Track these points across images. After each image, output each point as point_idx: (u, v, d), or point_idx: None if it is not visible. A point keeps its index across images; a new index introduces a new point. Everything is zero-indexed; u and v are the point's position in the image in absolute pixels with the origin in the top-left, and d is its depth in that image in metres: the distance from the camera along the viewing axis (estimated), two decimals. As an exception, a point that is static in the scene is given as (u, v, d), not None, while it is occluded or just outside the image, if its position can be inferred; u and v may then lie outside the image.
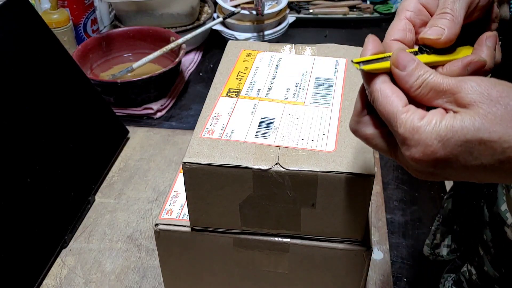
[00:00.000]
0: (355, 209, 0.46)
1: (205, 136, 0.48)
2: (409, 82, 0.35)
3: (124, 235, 0.74)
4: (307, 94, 0.54)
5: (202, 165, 0.45)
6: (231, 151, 0.46)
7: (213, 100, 0.53)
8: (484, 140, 0.32)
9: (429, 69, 0.35)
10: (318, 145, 0.47)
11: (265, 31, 1.15)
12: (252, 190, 0.46)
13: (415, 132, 0.33)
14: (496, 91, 0.32)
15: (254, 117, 0.50)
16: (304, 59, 0.60)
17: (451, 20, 0.37)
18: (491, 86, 0.33)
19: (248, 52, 0.61)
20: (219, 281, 0.54)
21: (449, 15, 0.37)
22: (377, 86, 0.35)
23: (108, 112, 0.90)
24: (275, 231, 0.49)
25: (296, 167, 0.44)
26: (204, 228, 0.50)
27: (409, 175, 0.85)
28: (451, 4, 0.38)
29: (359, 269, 0.49)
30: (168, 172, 0.85)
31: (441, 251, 0.64)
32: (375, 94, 0.35)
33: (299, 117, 0.50)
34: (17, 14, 0.76)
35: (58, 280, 0.68)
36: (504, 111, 0.32)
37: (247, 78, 0.56)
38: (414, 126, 0.33)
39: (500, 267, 0.52)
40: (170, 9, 1.13)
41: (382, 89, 0.35)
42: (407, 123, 0.33)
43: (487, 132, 0.31)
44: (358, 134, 0.38)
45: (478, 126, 0.32)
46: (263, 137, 0.48)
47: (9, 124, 0.69)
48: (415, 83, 0.35)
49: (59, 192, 0.74)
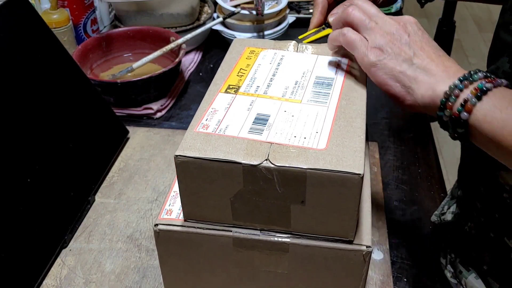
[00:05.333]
0: (344, 208, 0.46)
1: (199, 131, 0.48)
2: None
3: (124, 235, 0.74)
4: (306, 92, 0.54)
5: (193, 158, 0.45)
6: (223, 145, 0.46)
7: (211, 95, 0.53)
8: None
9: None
10: (309, 142, 0.47)
11: (265, 31, 1.15)
12: (242, 185, 0.46)
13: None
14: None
15: (250, 113, 0.50)
16: (306, 57, 0.60)
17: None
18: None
19: (251, 50, 0.61)
20: (219, 281, 0.54)
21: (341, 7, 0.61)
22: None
23: (108, 112, 0.90)
24: (266, 227, 0.49)
25: (285, 163, 0.44)
26: (196, 222, 0.50)
27: (409, 175, 0.85)
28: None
29: (359, 269, 0.49)
30: (168, 172, 0.85)
31: (446, 216, 0.69)
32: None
33: (294, 115, 0.50)
34: (17, 14, 0.76)
35: (58, 280, 0.68)
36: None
37: (248, 75, 0.56)
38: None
39: (494, 213, 0.57)
40: (170, 9, 1.13)
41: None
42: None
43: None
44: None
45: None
46: (256, 133, 0.48)
47: (9, 124, 0.69)
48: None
49: (59, 192, 0.74)
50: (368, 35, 0.53)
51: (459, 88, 0.47)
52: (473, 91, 0.46)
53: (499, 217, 0.57)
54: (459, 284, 0.66)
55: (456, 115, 0.47)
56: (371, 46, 0.53)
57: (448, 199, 0.71)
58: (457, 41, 2.80)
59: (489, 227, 0.59)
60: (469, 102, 0.46)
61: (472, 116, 0.46)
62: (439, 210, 0.71)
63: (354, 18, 0.54)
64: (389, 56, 0.52)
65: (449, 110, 0.48)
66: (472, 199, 0.62)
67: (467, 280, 0.64)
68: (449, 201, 0.70)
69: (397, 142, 0.93)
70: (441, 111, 0.48)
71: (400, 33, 0.52)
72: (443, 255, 0.69)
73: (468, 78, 0.47)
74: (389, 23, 0.53)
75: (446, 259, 0.68)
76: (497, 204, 0.57)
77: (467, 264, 0.64)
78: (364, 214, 0.51)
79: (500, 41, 0.55)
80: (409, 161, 0.89)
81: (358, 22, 0.54)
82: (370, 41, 0.53)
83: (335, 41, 0.56)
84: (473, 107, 0.46)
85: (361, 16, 0.54)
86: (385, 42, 0.52)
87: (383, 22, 0.53)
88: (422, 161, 0.89)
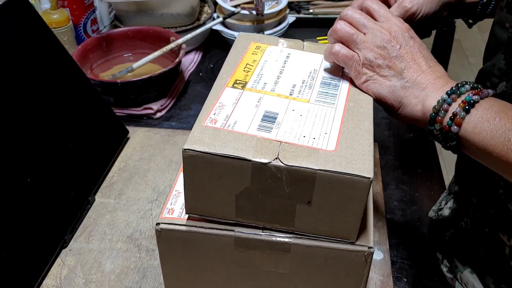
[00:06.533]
0: (350, 211, 0.46)
1: (207, 125, 0.48)
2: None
3: (124, 235, 0.74)
4: (313, 92, 0.54)
5: (202, 153, 0.45)
6: (232, 142, 0.46)
7: (218, 89, 0.53)
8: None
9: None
10: (319, 143, 0.47)
11: (265, 31, 1.15)
12: (249, 183, 0.46)
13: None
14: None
15: (258, 110, 0.50)
16: (313, 56, 0.59)
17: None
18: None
19: (257, 45, 0.61)
20: (220, 281, 0.54)
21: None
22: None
23: (108, 112, 0.89)
24: (269, 225, 0.49)
25: (296, 163, 0.44)
26: (199, 218, 0.50)
27: (409, 175, 0.85)
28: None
29: (360, 269, 0.49)
30: (168, 172, 0.85)
31: (444, 212, 0.70)
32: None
33: (302, 114, 0.50)
34: (17, 14, 0.76)
35: (58, 280, 0.68)
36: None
37: (255, 71, 0.56)
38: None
39: (489, 209, 0.58)
40: (170, 9, 1.13)
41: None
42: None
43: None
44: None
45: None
46: (265, 130, 0.48)
47: (9, 124, 0.69)
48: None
49: (59, 192, 0.74)
50: (358, 50, 0.54)
51: (448, 103, 0.48)
52: (461, 104, 0.48)
53: (494, 213, 0.58)
54: (454, 278, 0.66)
55: (446, 129, 0.48)
56: (362, 63, 0.53)
57: (446, 194, 0.71)
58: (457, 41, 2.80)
59: (484, 222, 0.60)
60: (458, 115, 0.47)
61: (462, 129, 0.48)
62: (436, 206, 0.72)
63: (342, 34, 0.55)
64: (380, 71, 0.53)
65: (439, 124, 0.49)
66: (468, 195, 0.63)
67: (462, 274, 0.64)
68: (447, 197, 0.70)
69: (397, 142, 0.93)
70: (431, 125, 0.50)
71: (391, 45, 0.53)
72: (439, 250, 0.70)
73: (456, 92, 0.49)
74: (379, 35, 0.53)
75: (442, 253, 0.69)
76: (492, 200, 0.58)
77: (463, 259, 0.65)
78: (366, 215, 0.51)
79: (496, 38, 0.56)
80: (409, 161, 0.89)
81: (347, 38, 0.55)
82: (361, 56, 0.53)
83: (327, 58, 0.57)
84: (462, 121, 0.47)
85: (348, 32, 0.54)
86: (374, 57, 0.53)
87: (373, 34, 0.53)
88: (422, 161, 0.89)
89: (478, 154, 0.48)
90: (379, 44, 0.53)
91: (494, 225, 0.58)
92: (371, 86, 0.53)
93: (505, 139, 0.45)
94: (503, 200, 0.56)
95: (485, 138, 0.46)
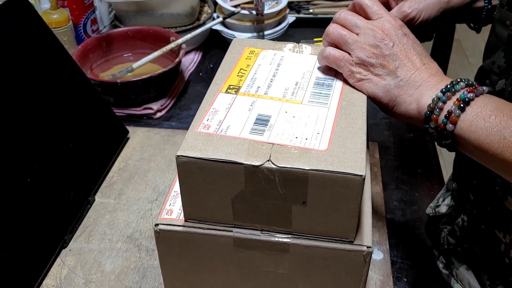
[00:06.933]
0: (346, 209, 0.46)
1: (200, 131, 0.48)
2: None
3: (124, 235, 0.74)
4: (306, 93, 0.54)
5: (195, 159, 0.46)
6: (225, 146, 0.46)
7: (212, 95, 0.53)
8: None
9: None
10: (311, 143, 0.47)
11: (265, 31, 1.15)
12: (244, 186, 0.46)
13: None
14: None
15: (251, 114, 0.50)
16: (306, 58, 0.60)
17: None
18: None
19: (251, 50, 0.61)
20: (219, 281, 0.54)
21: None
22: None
23: (108, 112, 0.90)
24: (266, 227, 0.49)
25: (287, 164, 0.44)
26: (197, 222, 0.50)
27: (409, 175, 0.85)
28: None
29: (360, 269, 0.49)
30: (168, 172, 0.85)
31: (441, 209, 0.69)
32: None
33: (295, 115, 0.50)
34: (17, 14, 0.76)
35: (58, 280, 0.68)
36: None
37: (248, 75, 0.56)
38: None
39: (486, 205, 0.58)
40: (170, 9, 1.13)
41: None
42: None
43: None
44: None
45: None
46: (257, 133, 0.48)
47: (9, 124, 0.69)
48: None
49: (59, 192, 0.74)
50: (351, 50, 0.54)
51: (442, 101, 0.48)
52: (456, 103, 0.47)
53: (490, 210, 0.58)
54: (450, 275, 0.66)
55: (441, 127, 0.48)
56: (355, 62, 0.53)
57: (443, 191, 0.71)
58: (457, 41, 2.80)
59: (481, 219, 0.60)
60: (453, 114, 0.47)
61: (457, 127, 0.47)
62: (434, 203, 0.72)
63: (334, 37, 0.55)
64: (374, 71, 0.53)
65: (434, 122, 0.49)
66: (465, 192, 0.63)
67: (458, 271, 0.64)
68: (444, 194, 0.71)
69: (397, 142, 0.93)
70: (426, 123, 0.50)
71: (384, 43, 0.52)
72: (436, 246, 0.70)
73: (451, 89, 0.48)
74: (372, 33, 0.53)
75: (438, 250, 0.69)
76: (489, 197, 0.58)
77: (459, 256, 0.65)
78: (365, 215, 0.51)
79: (496, 36, 0.56)
80: (409, 161, 0.89)
81: (339, 40, 0.55)
82: (353, 56, 0.53)
83: (320, 62, 0.57)
84: (458, 119, 0.47)
85: (340, 33, 0.54)
86: (367, 56, 0.53)
87: (365, 33, 0.53)
88: (422, 161, 0.89)
89: (474, 152, 0.48)
90: (372, 43, 0.53)
91: (490, 222, 0.58)
92: (365, 85, 0.53)
93: (501, 137, 0.45)
94: (500, 197, 0.56)
95: (480, 136, 0.46)
